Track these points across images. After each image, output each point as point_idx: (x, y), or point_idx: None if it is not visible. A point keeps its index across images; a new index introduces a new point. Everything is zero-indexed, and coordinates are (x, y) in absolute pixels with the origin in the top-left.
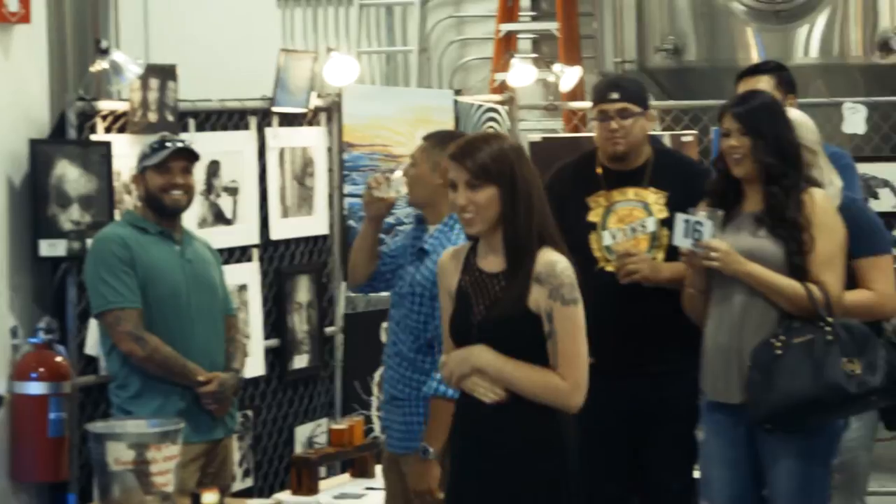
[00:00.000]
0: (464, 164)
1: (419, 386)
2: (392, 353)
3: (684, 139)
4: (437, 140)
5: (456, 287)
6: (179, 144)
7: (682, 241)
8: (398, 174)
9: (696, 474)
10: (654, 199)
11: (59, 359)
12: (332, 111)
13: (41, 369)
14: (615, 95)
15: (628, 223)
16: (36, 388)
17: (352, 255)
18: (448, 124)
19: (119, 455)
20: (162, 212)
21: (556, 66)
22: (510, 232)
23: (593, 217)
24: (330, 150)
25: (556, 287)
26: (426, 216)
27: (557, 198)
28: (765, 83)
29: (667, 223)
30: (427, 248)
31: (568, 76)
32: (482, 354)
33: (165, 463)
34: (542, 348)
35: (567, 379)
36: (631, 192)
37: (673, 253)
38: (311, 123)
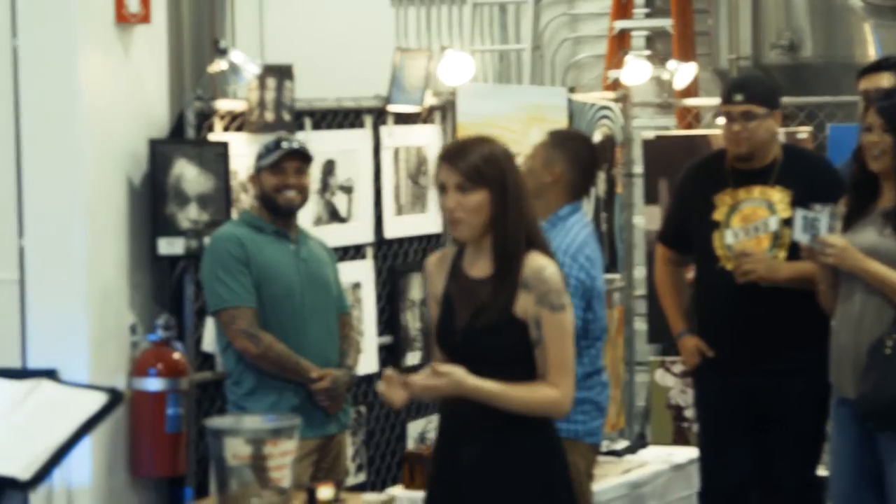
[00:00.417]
0: (455, 166)
1: None
2: None
3: (799, 136)
4: (556, 138)
5: (442, 292)
6: (295, 145)
7: (801, 237)
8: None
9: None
10: (780, 197)
11: (176, 355)
12: (446, 109)
13: (159, 366)
14: (739, 97)
15: (751, 222)
16: (154, 384)
17: None
18: (562, 122)
19: (236, 450)
20: (276, 211)
21: (671, 64)
22: (500, 237)
23: (717, 216)
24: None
25: (544, 293)
26: (536, 210)
27: (685, 196)
28: (886, 80)
29: (790, 222)
30: None
31: (682, 73)
32: (474, 382)
33: (282, 458)
34: (528, 355)
35: (558, 387)
36: (756, 191)
37: (795, 252)
38: (425, 122)
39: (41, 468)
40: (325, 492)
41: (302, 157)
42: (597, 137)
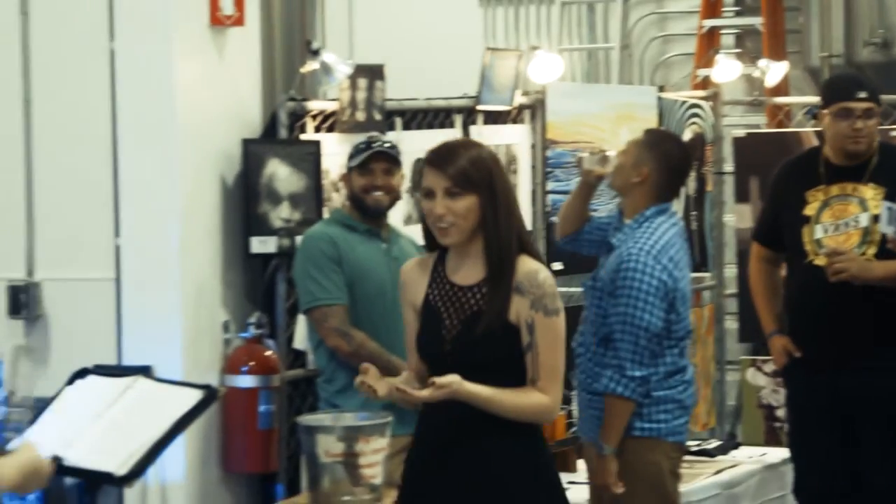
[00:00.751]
0: (443, 170)
1: (599, 378)
2: (580, 343)
3: (893, 133)
4: (650, 138)
5: (422, 301)
6: (385, 146)
7: (886, 229)
8: (612, 154)
9: None
10: (872, 194)
11: (268, 353)
12: (535, 108)
13: (251, 363)
14: (863, 94)
15: (842, 218)
16: (246, 381)
17: (561, 208)
18: (651, 121)
19: (329, 447)
20: (365, 212)
21: (762, 62)
22: (492, 241)
23: (809, 211)
24: (533, 147)
25: (538, 297)
26: (623, 208)
27: (778, 193)
28: None
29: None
30: (614, 244)
31: (774, 71)
32: (470, 388)
33: (374, 455)
34: (519, 361)
35: (549, 393)
36: (850, 188)
37: (885, 248)
38: (514, 121)
39: (137, 464)
40: None
41: (390, 158)
42: (687, 136)
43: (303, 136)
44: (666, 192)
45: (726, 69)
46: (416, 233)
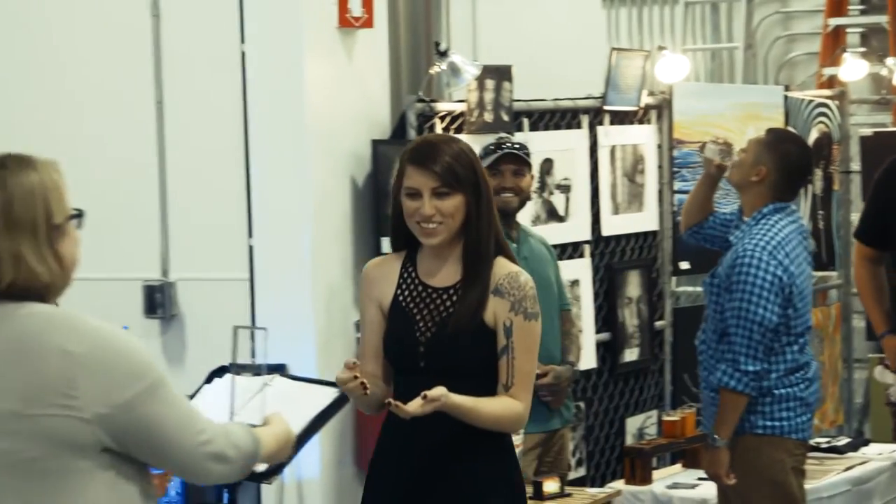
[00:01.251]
0: (430, 169)
1: (715, 373)
2: (701, 340)
3: None
4: (770, 138)
5: (390, 302)
6: (515, 147)
7: None
8: (735, 149)
9: None
10: None
11: None
12: (662, 108)
13: None
14: None
15: None
16: None
17: (685, 201)
18: (778, 120)
19: None
20: None
21: (889, 60)
22: (472, 241)
23: None
24: (660, 147)
25: (519, 300)
26: (742, 206)
27: (883, 191)
28: None
29: None
30: (731, 241)
31: None
32: (454, 400)
33: None
34: (492, 365)
35: (522, 401)
36: None
37: None
38: (641, 121)
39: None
40: (551, 485)
41: (519, 159)
42: (814, 135)
43: None
44: (784, 191)
45: (853, 68)
46: (543, 233)
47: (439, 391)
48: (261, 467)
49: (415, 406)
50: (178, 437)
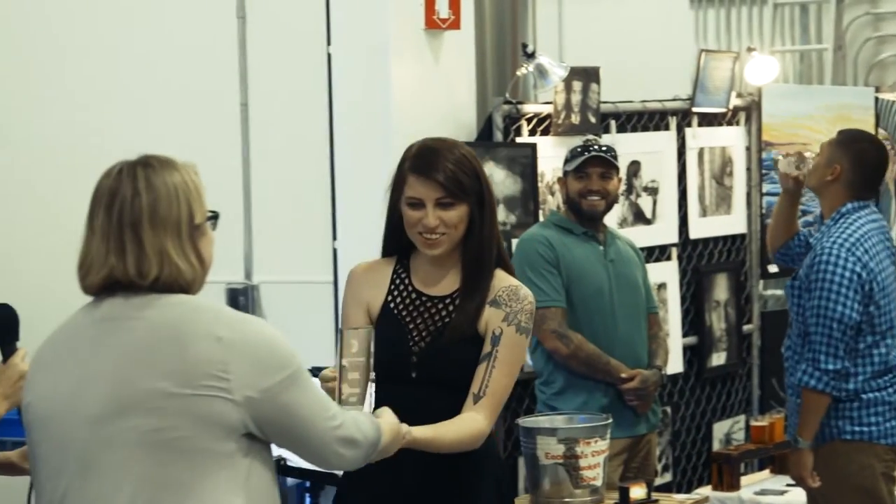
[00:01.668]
0: (433, 179)
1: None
2: (787, 346)
3: None
4: (843, 138)
5: (380, 308)
6: (602, 150)
7: None
8: (810, 156)
9: None
10: None
11: None
12: (750, 110)
13: None
14: None
15: None
16: None
17: (769, 224)
18: (868, 122)
19: (549, 449)
20: (581, 216)
21: None
22: (474, 250)
23: None
24: (748, 149)
25: (515, 312)
26: (822, 209)
27: None
28: None
29: None
30: (811, 242)
31: None
32: (413, 436)
33: (594, 457)
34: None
35: (488, 418)
36: None
37: None
38: (729, 123)
39: None
40: (637, 491)
41: (606, 162)
42: None
43: (518, 139)
44: (861, 189)
45: None
46: (630, 235)
47: (406, 428)
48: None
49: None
50: (314, 422)
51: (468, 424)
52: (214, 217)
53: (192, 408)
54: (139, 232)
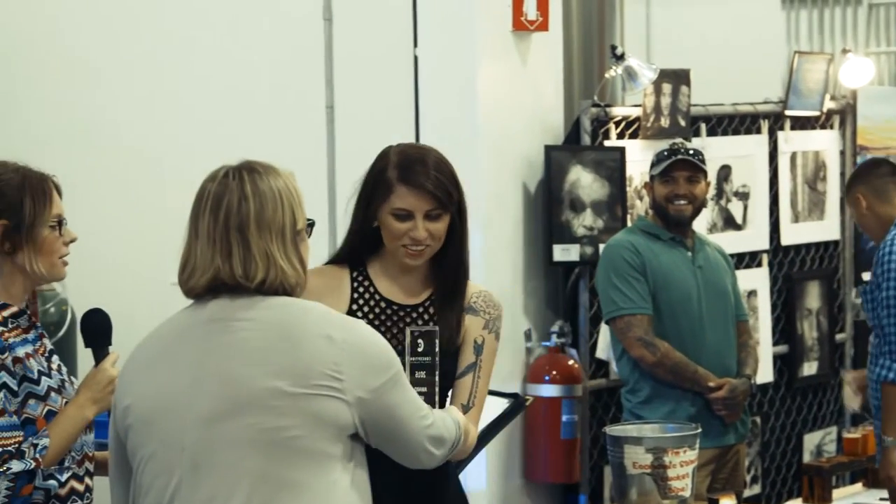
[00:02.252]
0: (425, 191)
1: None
2: (872, 354)
3: None
4: (847, 184)
5: None
6: (689, 153)
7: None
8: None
9: None
10: None
11: (571, 362)
12: (845, 114)
13: (554, 372)
14: None
15: None
16: (549, 390)
17: None
18: None
19: (637, 458)
20: (667, 220)
21: None
22: (453, 259)
23: None
24: (842, 153)
25: (494, 318)
26: (875, 237)
27: None
28: None
29: None
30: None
31: None
32: None
33: (683, 468)
34: (449, 387)
35: (476, 423)
36: None
37: None
38: (823, 126)
39: None
40: (726, 503)
41: (693, 165)
42: None
43: (606, 143)
44: (887, 202)
45: None
46: (719, 241)
47: None
48: None
49: None
50: (410, 422)
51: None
52: (311, 224)
53: (308, 407)
54: (246, 235)
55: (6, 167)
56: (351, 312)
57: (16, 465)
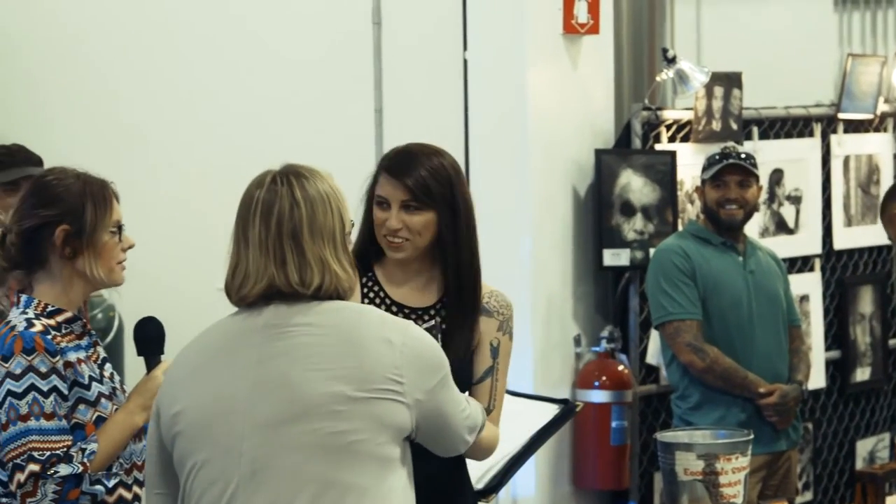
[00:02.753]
0: (401, 181)
1: None
2: None
3: None
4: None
5: None
6: (740, 157)
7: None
8: None
9: None
10: None
11: (620, 368)
12: None
13: (603, 378)
14: None
15: None
16: (599, 396)
17: None
18: None
19: (688, 465)
20: (718, 225)
21: None
22: (452, 263)
23: None
24: None
25: (507, 319)
26: None
27: None
28: None
29: None
30: None
31: None
32: None
33: (734, 474)
34: (466, 389)
35: (498, 424)
36: None
37: None
38: (876, 130)
39: (495, 478)
40: None
41: (744, 169)
42: None
43: (657, 147)
44: None
45: None
46: (771, 246)
47: None
48: (479, 484)
49: None
50: (455, 416)
51: (487, 434)
52: (352, 225)
53: (371, 411)
54: (300, 241)
55: (66, 173)
56: None
57: (63, 469)
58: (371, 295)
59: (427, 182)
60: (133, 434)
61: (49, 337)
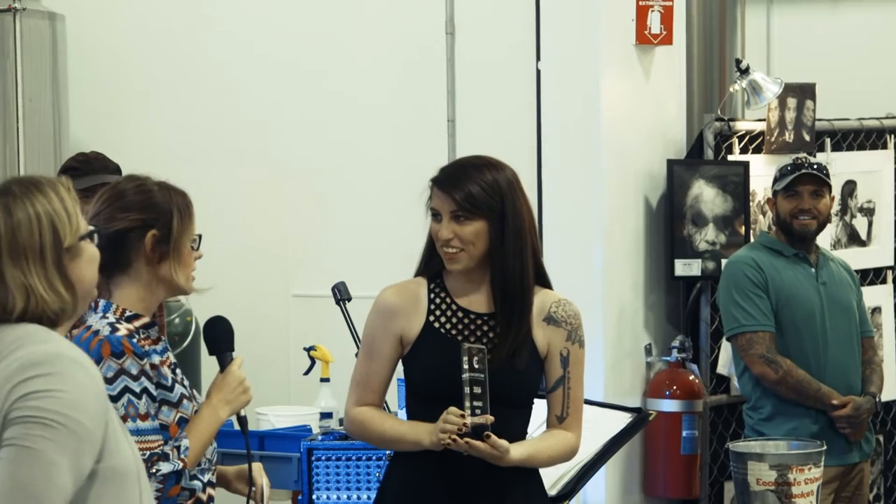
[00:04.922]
0: (449, 193)
1: None
2: None
3: None
4: None
5: (420, 330)
6: (813, 168)
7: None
8: None
9: None
10: None
11: (692, 378)
12: None
13: (674, 387)
14: None
15: None
16: (669, 405)
17: None
18: None
19: (761, 475)
20: (791, 236)
21: None
22: (498, 271)
23: None
24: None
25: (574, 328)
26: None
27: None
28: None
29: None
30: None
31: None
32: (516, 455)
33: (807, 485)
34: (533, 395)
35: (576, 431)
36: None
37: None
38: None
39: (568, 484)
40: None
41: (817, 180)
42: None
43: (729, 157)
44: None
45: None
46: (843, 257)
47: (503, 444)
48: (553, 491)
49: (483, 446)
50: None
51: (561, 441)
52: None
53: None
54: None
55: (148, 181)
56: (429, 323)
57: (164, 467)
58: (437, 301)
59: (473, 192)
60: (218, 429)
61: (134, 340)
